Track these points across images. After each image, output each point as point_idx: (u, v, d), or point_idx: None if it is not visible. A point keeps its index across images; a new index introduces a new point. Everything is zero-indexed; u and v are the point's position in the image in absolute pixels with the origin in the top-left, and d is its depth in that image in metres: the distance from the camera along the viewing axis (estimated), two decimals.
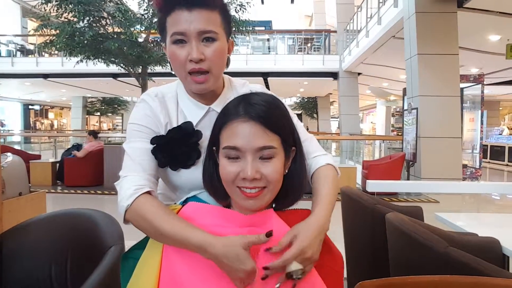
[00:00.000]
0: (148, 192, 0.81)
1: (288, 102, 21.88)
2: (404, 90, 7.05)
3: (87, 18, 6.02)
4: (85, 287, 0.84)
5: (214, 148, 0.81)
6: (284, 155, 0.78)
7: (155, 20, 5.69)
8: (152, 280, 0.75)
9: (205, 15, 0.81)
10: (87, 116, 22.31)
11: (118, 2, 6.15)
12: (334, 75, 13.06)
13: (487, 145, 12.25)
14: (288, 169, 0.81)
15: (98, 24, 6.28)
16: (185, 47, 0.82)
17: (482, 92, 7.55)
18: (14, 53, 14.43)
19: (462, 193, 5.81)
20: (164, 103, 0.91)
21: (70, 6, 5.69)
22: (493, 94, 15.75)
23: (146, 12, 6.29)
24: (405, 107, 6.57)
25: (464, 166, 7.21)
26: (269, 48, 14.80)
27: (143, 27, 6.40)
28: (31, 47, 14.77)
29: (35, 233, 1.18)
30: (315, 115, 20.62)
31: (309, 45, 15.18)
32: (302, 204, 0.84)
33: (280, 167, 0.76)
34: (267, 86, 9.86)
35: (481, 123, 7.85)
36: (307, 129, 0.98)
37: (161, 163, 0.87)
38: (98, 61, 6.63)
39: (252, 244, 0.69)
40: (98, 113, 23.28)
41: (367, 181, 2.48)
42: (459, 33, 5.92)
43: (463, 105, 7.57)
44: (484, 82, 7.61)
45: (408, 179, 6.14)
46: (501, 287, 0.83)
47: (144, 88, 6.93)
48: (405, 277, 0.85)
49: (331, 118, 21.26)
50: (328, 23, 18.79)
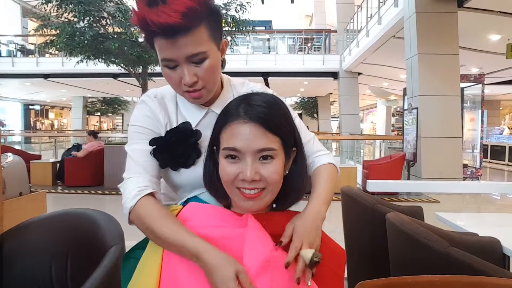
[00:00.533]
0: (151, 193, 0.81)
1: (288, 102, 21.82)
2: (404, 90, 7.05)
3: (87, 18, 6.03)
4: (86, 287, 0.84)
5: (215, 148, 0.80)
6: (285, 156, 0.78)
7: None
8: (153, 280, 0.74)
9: (191, 39, 0.76)
10: (88, 116, 22.32)
11: (118, 2, 6.14)
12: (334, 75, 13.05)
13: (488, 145, 12.24)
14: (289, 170, 0.81)
15: (98, 24, 6.28)
16: (177, 71, 0.81)
17: (483, 92, 7.55)
18: (15, 53, 14.43)
19: (463, 193, 5.81)
20: (164, 104, 0.92)
21: (70, 6, 5.69)
22: (494, 94, 15.73)
23: None
24: (406, 107, 6.57)
25: (465, 166, 7.21)
26: (269, 48, 14.79)
27: None
28: (32, 47, 14.77)
29: (36, 233, 1.17)
30: (315, 115, 20.62)
31: (309, 45, 15.14)
32: (303, 204, 0.84)
33: (280, 168, 0.76)
34: (267, 86, 9.87)
35: (482, 123, 7.83)
36: (307, 129, 0.98)
37: (162, 164, 0.87)
38: (99, 61, 6.63)
39: (240, 276, 0.67)
40: (99, 113, 23.31)
41: (368, 181, 2.49)
42: (460, 33, 5.91)
43: (464, 105, 7.57)
44: (485, 82, 7.61)
45: (409, 179, 6.14)
46: (502, 287, 0.83)
47: (145, 88, 6.93)
48: (406, 277, 0.85)
49: (332, 118, 21.26)
50: (328, 23, 18.76)
